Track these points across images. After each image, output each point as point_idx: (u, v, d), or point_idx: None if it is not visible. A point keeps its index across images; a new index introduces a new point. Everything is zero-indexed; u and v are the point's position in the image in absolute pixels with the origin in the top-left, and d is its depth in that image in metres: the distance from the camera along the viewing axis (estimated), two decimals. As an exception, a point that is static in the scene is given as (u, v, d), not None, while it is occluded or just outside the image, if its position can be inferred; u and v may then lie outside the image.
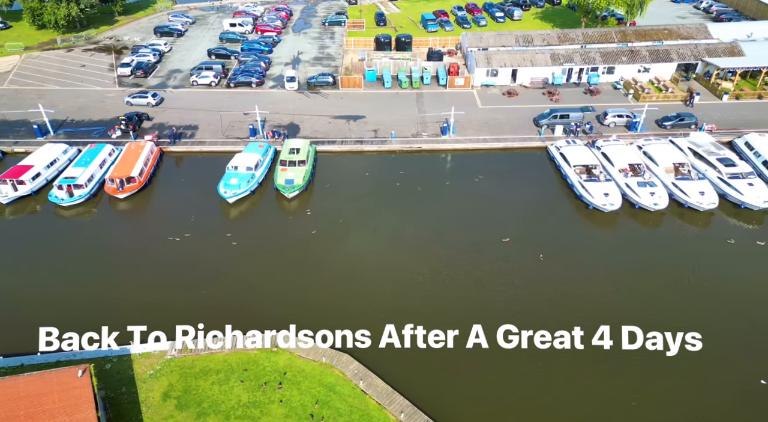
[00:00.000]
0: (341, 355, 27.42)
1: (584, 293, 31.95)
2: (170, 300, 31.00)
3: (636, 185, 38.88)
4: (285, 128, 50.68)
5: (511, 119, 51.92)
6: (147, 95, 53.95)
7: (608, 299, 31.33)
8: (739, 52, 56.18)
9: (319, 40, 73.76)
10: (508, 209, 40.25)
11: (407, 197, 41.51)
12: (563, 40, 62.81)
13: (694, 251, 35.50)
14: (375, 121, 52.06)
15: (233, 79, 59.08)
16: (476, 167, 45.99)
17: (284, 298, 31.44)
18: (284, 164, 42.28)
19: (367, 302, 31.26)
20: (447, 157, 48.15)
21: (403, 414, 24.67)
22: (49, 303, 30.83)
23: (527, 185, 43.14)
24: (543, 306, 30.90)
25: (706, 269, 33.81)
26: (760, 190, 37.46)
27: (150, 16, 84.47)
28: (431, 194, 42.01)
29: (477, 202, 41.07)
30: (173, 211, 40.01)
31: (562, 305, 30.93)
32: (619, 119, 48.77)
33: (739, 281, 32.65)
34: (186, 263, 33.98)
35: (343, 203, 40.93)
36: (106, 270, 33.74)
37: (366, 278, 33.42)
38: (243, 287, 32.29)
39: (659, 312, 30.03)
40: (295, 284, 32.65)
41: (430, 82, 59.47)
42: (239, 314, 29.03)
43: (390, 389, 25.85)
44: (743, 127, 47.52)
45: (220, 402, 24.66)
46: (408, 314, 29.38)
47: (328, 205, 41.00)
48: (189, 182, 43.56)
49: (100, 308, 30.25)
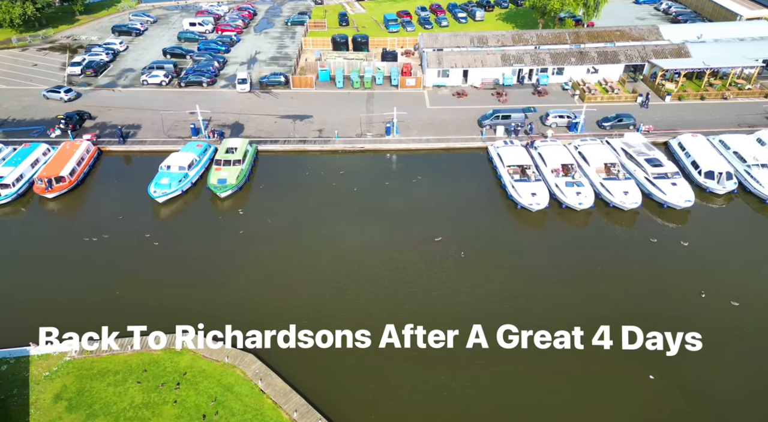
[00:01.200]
0: (245, 355, 27.37)
1: (505, 292, 32.12)
2: (79, 301, 30.74)
3: (564, 185, 39.22)
4: (229, 127, 50.58)
5: (456, 120, 52.14)
6: (60, 91, 54.53)
7: (520, 302, 31.44)
8: (685, 53, 56.81)
9: (279, 40, 73.61)
10: (442, 209, 40.29)
11: (342, 198, 41.49)
12: (517, 41, 63.16)
13: (615, 249, 35.77)
14: (321, 121, 52.07)
15: (184, 78, 58.82)
16: (417, 167, 46.11)
17: (191, 298, 31.19)
18: (219, 164, 42.16)
19: (281, 303, 31.15)
20: (390, 157, 48.24)
21: (296, 413, 24.69)
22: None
23: (465, 185, 43.24)
24: (460, 306, 30.97)
25: (622, 267, 33.99)
26: (683, 190, 37.89)
27: (112, 16, 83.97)
28: (367, 194, 42.05)
29: (412, 202, 41.11)
30: (101, 211, 39.81)
31: (485, 304, 31.04)
32: (560, 119, 49.13)
33: (649, 278, 32.90)
34: (102, 264, 33.76)
35: (277, 203, 40.87)
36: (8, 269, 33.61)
37: (284, 280, 33.22)
38: (155, 287, 32.12)
39: (560, 309, 30.30)
40: (207, 284, 32.50)
41: (382, 82, 59.57)
42: (146, 315, 28.80)
43: (288, 388, 25.87)
44: (681, 128, 48.01)
45: (112, 404, 24.55)
46: (321, 316, 29.53)
47: (261, 205, 40.96)
48: (124, 182, 43.36)
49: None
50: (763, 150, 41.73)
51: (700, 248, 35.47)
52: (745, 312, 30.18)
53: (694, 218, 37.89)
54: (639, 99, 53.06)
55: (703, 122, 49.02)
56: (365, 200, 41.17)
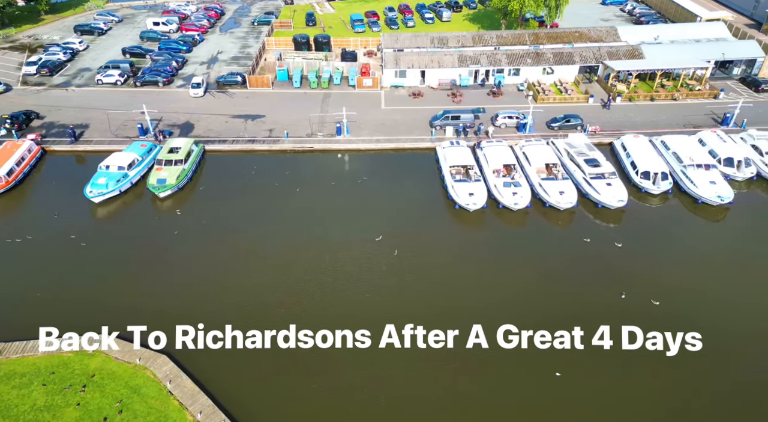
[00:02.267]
0: (158, 357, 27.18)
1: (430, 288, 32.24)
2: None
3: (501, 185, 39.33)
4: (179, 127, 50.29)
5: (409, 121, 52.12)
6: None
7: (442, 301, 31.49)
8: (639, 54, 57.16)
9: (244, 40, 73.32)
10: (383, 208, 40.25)
11: (283, 199, 41.29)
12: (477, 42, 63.30)
13: (548, 248, 35.85)
14: (273, 121, 51.88)
15: (140, 78, 58.48)
16: (365, 168, 46.09)
17: (105, 299, 30.91)
18: (160, 164, 41.94)
19: (207, 304, 30.99)
20: (343, 157, 47.99)
21: (200, 415, 24.53)
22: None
23: (410, 185, 43.19)
24: (390, 306, 30.96)
25: (551, 265, 34.16)
26: (617, 190, 38.07)
27: (78, 15, 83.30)
28: (309, 195, 41.86)
29: (354, 202, 41.06)
30: (34, 212, 39.50)
31: (416, 303, 31.10)
32: (509, 120, 49.24)
33: (574, 277, 33.03)
34: (21, 265, 33.50)
35: (217, 204, 40.64)
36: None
37: (212, 281, 33.05)
38: (74, 288, 31.87)
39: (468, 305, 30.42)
40: (126, 284, 32.35)
41: (340, 82, 59.48)
42: (61, 316, 28.66)
43: (197, 389, 25.71)
44: (628, 128, 48.25)
45: (13, 407, 24.28)
46: (249, 317, 29.40)
47: (201, 205, 40.75)
48: (65, 182, 42.87)
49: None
50: (702, 151, 42.06)
51: (633, 248, 35.60)
52: (660, 311, 30.39)
53: (628, 218, 38.10)
54: (591, 100, 53.40)
55: (650, 122, 49.30)
56: (305, 201, 40.99)
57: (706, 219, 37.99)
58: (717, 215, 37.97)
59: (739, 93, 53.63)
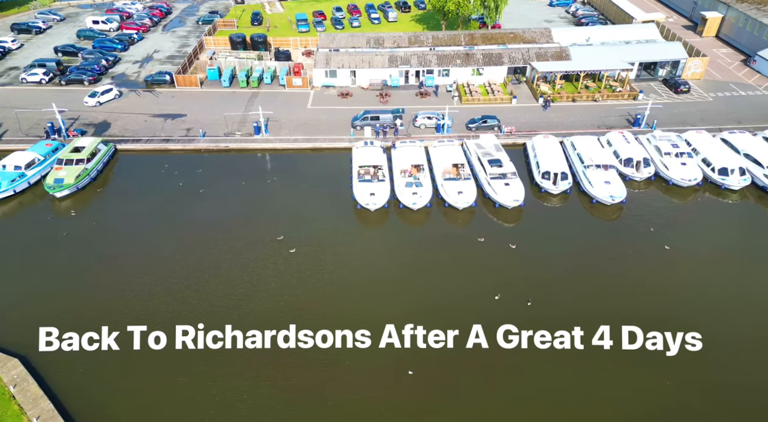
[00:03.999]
0: (9, 360, 26.52)
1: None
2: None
3: (403, 186, 39.14)
4: (95, 126, 49.43)
5: (332, 120, 51.77)
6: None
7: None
8: (566, 56, 57.42)
9: (185, 39, 72.52)
10: (289, 208, 39.89)
11: (184, 199, 40.73)
12: (413, 43, 63.16)
13: (444, 248, 35.73)
14: (194, 120, 51.24)
15: (65, 77, 57.51)
16: (280, 167, 45.73)
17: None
18: (60, 163, 41.13)
19: (81, 304, 30.49)
20: (263, 156, 47.31)
21: (37, 420, 23.89)
22: None
23: (319, 185, 42.78)
24: (280, 306, 30.86)
25: (446, 265, 34.13)
26: (514, 190, 38.06)
27: (21, 14, 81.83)
28: (213, 195, 41.34)
29: (261, 202, 40.73)
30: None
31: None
32: (428, 120, 49.13)
33: (458, 274, 33.13)
34: None
35: (116, 204, 40.05)
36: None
37: (97, 280, 32.59)
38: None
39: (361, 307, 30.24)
40: (11, 285, 31.73)
41: (271, 82, 58.98)
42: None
43: (41, 394, 25.04)
44: (544, 129, 48.27)
45: None
46: (120, 314, 29.05)
47: (99, 205, 40.12)
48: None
49: None
50: (606, 151, 42.28)
51: (527, 247, 35.54)
52: (534, 311, 30.27)
53: (526, 218, 38.07)
54: (514, 101, 53.52)
55: (567, 123, 49.45)
56: (208, 201, 40.42)
57: (599, 218, 38.11)
58: (611, 214, 38.10)
59: (660, 94, 54.12)
